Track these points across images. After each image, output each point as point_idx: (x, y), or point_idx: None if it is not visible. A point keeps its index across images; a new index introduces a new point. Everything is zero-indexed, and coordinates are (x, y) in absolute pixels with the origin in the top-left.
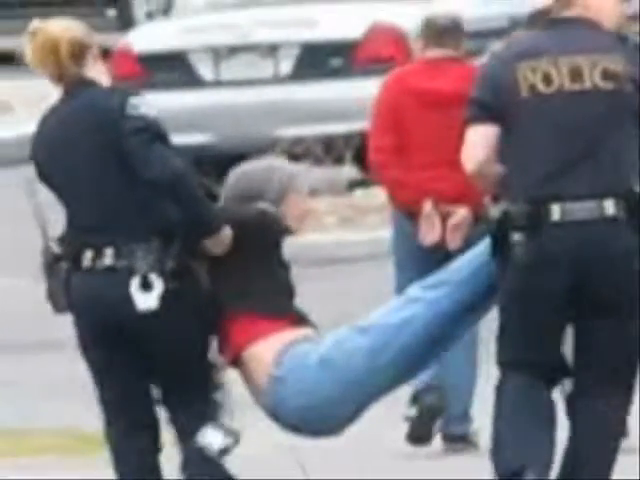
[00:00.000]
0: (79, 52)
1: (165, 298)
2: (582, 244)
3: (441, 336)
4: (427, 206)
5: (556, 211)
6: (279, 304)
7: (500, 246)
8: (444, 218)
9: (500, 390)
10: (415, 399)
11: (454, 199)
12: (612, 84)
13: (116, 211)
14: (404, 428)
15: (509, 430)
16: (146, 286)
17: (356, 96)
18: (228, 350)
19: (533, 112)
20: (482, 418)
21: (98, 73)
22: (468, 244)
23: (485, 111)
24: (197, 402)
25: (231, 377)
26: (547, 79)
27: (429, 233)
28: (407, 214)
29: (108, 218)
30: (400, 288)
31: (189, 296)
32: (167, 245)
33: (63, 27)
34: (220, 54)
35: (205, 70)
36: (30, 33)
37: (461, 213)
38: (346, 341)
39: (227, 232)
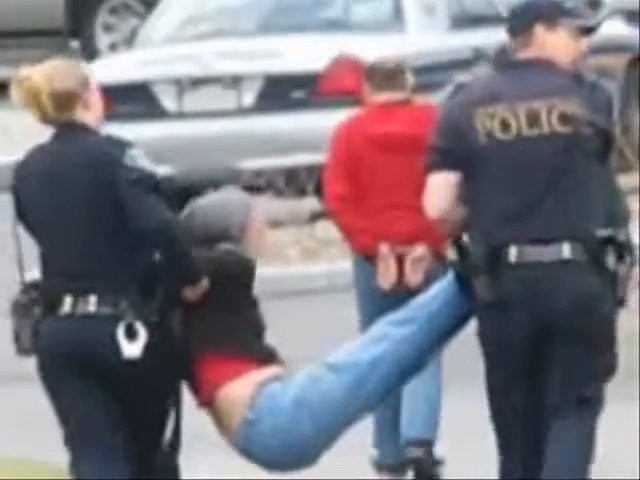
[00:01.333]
0: (64, 102)
1: (147, 346)
2: (538, 286)
3: (411, 369)
4: (384, 249)
5: (513, 253)
6: (251, 344)
7: (466, 286)
8: (402, 259)
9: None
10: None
11: (412, 240)
12: (570, 128)
13: (101, 258)
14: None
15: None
16: (131, 334)
17: (319, 128)
18: (201, 392)
19: (492, 158)
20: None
21: (89, 118)
22: (429, 282)
23: (445, 158)
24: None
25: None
26: (505, 125)
27: (387, 276)
28: (365, 257)
29: (92, 264)
30: (364, 324)
31: (167, 344)
32: (149, 295)
33: (47, 78)
34: (183, 85)
35: (168, 101)
36: (16, 81)
37: (420, 249)
38: (319, 380)
39: (205, 282)
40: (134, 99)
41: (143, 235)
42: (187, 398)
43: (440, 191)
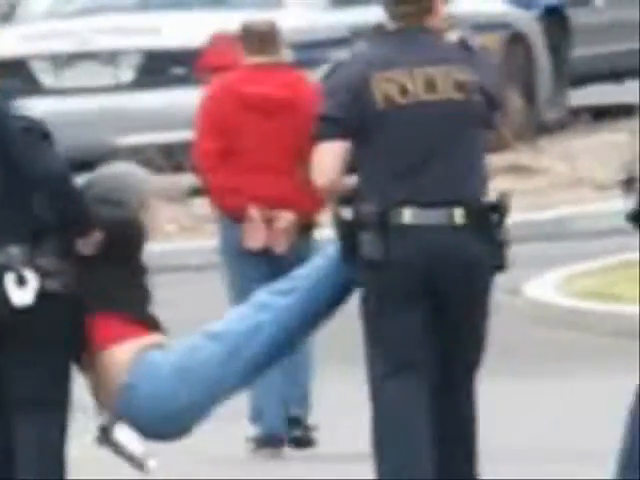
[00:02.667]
0: None
1: (40, 296)
2: (429, 248)
3: (289, 340)
4: (252, 211)
5: (406, 215)
6: (138, 309)
7: (351, 247)
8: (269, 223)
9: (379, 400)
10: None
11: (280, 204)
12: (463, 95)
13: None
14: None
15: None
16: (21, 282)
17: (197, 104)
18: (83, 352)
19: (389, 122)
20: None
21: None
22: (295, 250)
23: (336, 127)
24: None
25: None
26: (403, 90)
27: (254, 238)
28: (233, 219)
29: None
30: (233, 291)
31: (62, 295)
32: (41, 243)
33: None
34: (60, 61)
35: (45, 77)
36: None
37: (286, 218)
38: (199, 349)
39: (98, 234)
40: (12, 75)
41: (36, 182)
42: None
43: (330, 160)
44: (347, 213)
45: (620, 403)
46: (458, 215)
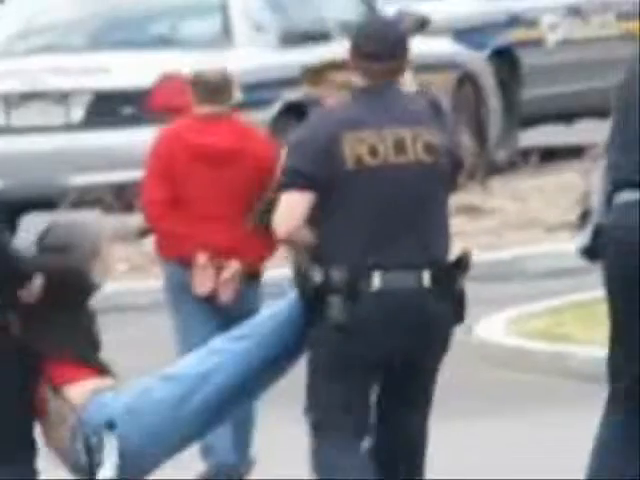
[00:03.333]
0: None
1: None
2: (399, 312)
3: (242, 389)
4: (201, 258)
5: (376, 279)
6: (87, 354)
7: (317, 309)
8: (217, 271)
9: (317, 453)
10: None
11: (228, 253)
12: (432, 157)
13: None
14: None
15: None
16: None
17: (146, 144)
18: (35, 398)
19: (358, 183)
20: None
21: None
22: (242, 298)
23: (302, 179)
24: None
25: None
26: (373, 151)
27: (202, 284)
28: (181, 265)
29: None
30: (182, 339)
31: (5, 344)
32: None
33: None
34: (11, 100)
35: None
36: None
37: (234, 267)
38: (151, 390)
39: (38, 281)
40: None
41: None
42: None
43: (292, 210)
44: (315, 275)
45: (567, 442)
46: (427, 278)
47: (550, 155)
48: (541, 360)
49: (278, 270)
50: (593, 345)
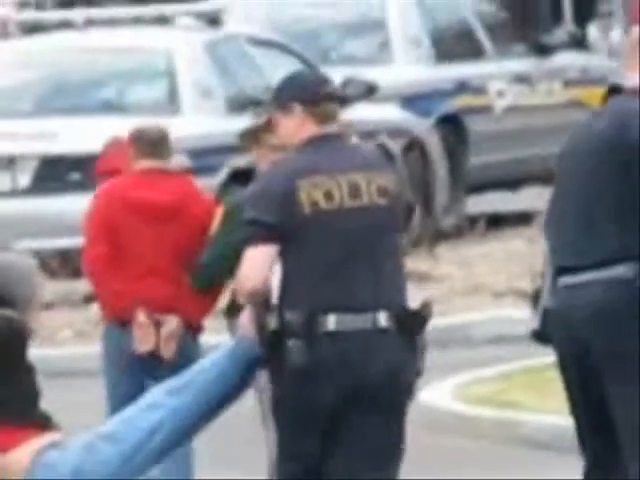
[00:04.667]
0: None
1: None
2: (354, 353)
3: (184, 438)
4: (140, 315)
5: (331, 321)
6: (27, 411)
7: (275, 353)
8: (156, 326)
9: None
10: None
11: (168, 309)
12: (386, 200)
13: None
14: None
15: None
16: None
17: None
18: None
19: (315, 228)
20: None
21: None
22: (181, 354)
23: (265, 230)
24: None
25: None
26: (328, 196)
27: (143, 341)
28: (120, 324)
29: None
30: (110, 389)
31: None
32: None
33: None
34: None
35: None
36: None
37: (173, 322)
38: (96, 450)
39: None
40: None
41: None
42: None
43: (257, 263)
44: (272, 321)
45: None
46: (383, 319)
47: (496, 222)
48: (487, 427)
49: None
50: (540, 412)
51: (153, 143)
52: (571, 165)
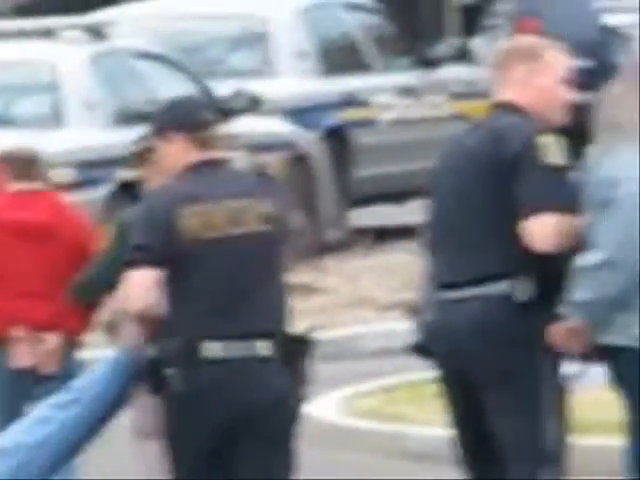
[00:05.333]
0: None
1: None
2: (234, 381)
3: (73, 451)
4: (19, 332)
5: (212, 349)
6: None
7: (156, 380)
8: (36, 345)
9: None
10: None
11: (47, 327)
12: (267, 227)
13: None
14: None
15: None
16: None
17: None
18: None
19: (195, 256)
20: None
21: None
22: (62, 370)
23: (146, 255)
24: None
25: None
26: (209, 223)
27: (21, 357)
28: None
29: None
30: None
31: None
32: None
33: None
34: None
35: None
36: None
37: (53, 339)
38: None
39: None
40: None
41: None
42: None
43: (141, 288)
44: (152, 348)
45: None
46: (264, 347)
47: (381, 235)
48: (373, 439)
49: None
50: (426, 424)
51: (24, 165)
52: (445, 181)
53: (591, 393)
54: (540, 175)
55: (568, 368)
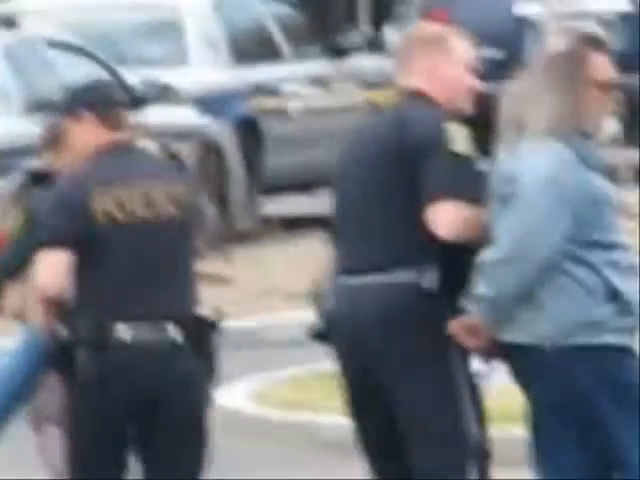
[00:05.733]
0: None
1: None
2: (145, 364)
3: None
4: None
5: (123, 331)
6: None
7: (65, 362)
8: None
9: None
10: None
11: None
12: (179, 211)
13: None
14: None
15: None
16: None
17: None
18: None
19: (108, 238)
20: None
21: None
22: None
23: (59, 237)
24: None
25: None
26: (122, 206)
27: None
28: None
29: None
30: None
31: None
32: None
33: None
34: None
35: None
36: None
37: None
38: None
39: None
40: None
41: None
42: None
43: (52, 269)
44: (62, 329)
45: None
46: (173, 331)
47: (292, 224)
48: (282, 429)
49: None
50: (336, 414)
51: None
52: (351, 169)
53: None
54: (446, 163)
55: (476, 365)
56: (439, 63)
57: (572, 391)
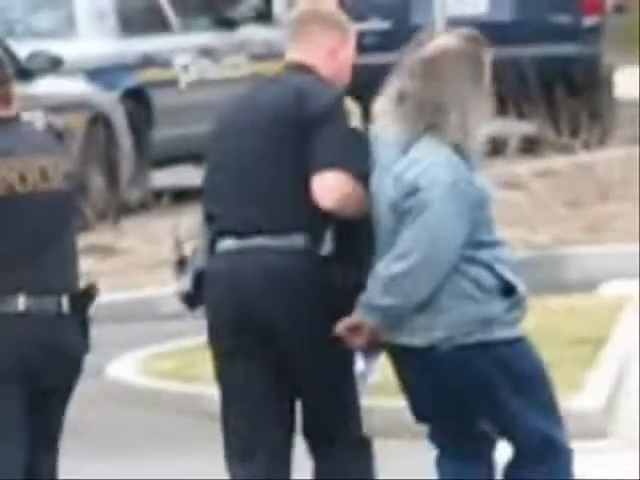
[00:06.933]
0: None
1: None
2: (41, 335)
3: None
4: None
5: (19, 303)
6: None
7: None
8: None
9: None
10: None
11: None
12: (70, 185)
13: None
14: None
15: None
16: None
17: None
18: None
19: (8, 210)
20: None
21: None
22: None
23: None
24: None
25: None
26: (23, 178)
27: None
28: None
29: None
30: None
31: None
32: None
33: None
34: None
35: None
36: None
37: None
38: None
39: None
40: None
41: None
42: None
43: None
44: None
45: None
46: (65, 303)
47: (181, 196)
48: (172, 400)
49: None
50: None
51: None
52: (237, 135)
53: None
54: (341, 135)
55: (359, 366)
56: (338, 46)
57: (472, 384)
